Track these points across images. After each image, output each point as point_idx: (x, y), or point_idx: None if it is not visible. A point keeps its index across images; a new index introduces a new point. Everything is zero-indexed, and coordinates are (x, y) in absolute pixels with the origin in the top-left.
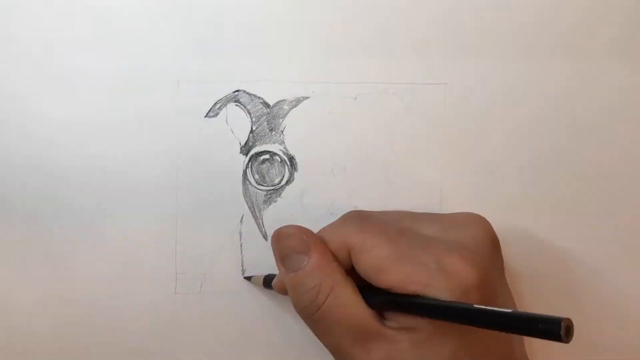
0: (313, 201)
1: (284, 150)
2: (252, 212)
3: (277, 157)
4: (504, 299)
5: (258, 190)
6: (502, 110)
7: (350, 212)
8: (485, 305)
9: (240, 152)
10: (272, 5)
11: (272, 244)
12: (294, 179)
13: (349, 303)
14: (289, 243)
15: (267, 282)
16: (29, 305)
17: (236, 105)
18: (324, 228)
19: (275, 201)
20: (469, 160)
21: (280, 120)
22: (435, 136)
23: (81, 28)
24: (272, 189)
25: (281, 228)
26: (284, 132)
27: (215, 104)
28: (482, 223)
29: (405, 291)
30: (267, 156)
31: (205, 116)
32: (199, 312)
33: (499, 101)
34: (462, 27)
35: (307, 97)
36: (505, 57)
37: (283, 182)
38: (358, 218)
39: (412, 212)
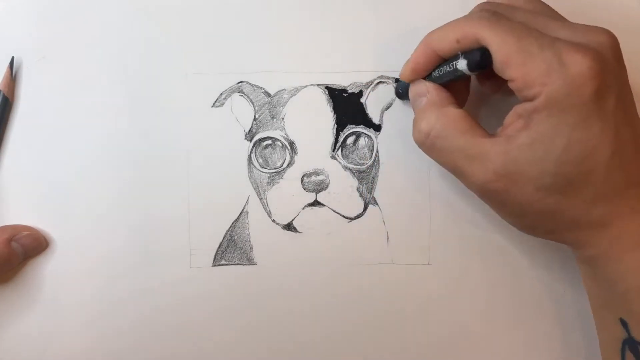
0: (313, 182)
1: (285, 135)
2: (257, 193)
3: (278, 142)
4: (622, 101)
5: (262, 173)
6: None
7: (484, 4)
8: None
9: (245, 139)
10: (271, 3)
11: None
12: (294, 162)
13: (454, 133)
14: (413, 89)
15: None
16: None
17: (240, 95)
18: (458, 19)
19: (277, 182)
20: None
21: (281, 108)
22: None
23: (99, 28)
24: (275, 172)
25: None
26: (284, 119)
27: (221, 94)
28: (611, 36)
29: (526, 86)
30: (269, 142)
31: (212, 106)
32: (211, 284)
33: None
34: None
35: (305, 87)
36: None
37: (284, 165)
38: (492, 14)
39: (546, 15)
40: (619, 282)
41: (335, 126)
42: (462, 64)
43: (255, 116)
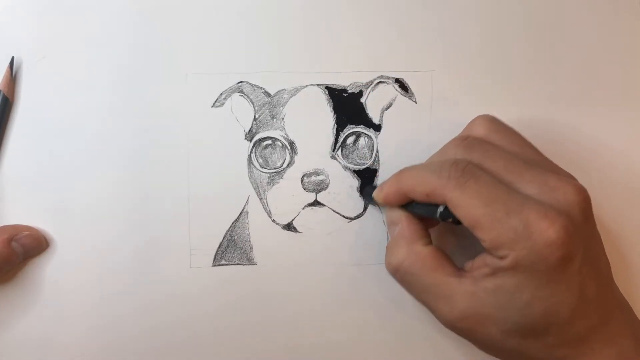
0: (313, 182)
1: (285, 135)
2: (257, 193)
3: (278, 142)
4: (589, 257)
5: (262, 173)
6: (485, 90)
7: (455, 162)
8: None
9: (245, 139)
10: (272, 3)
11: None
12: (294, 162)
13: (422, 271)
14: (388, 216)
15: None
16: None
17: (240, 95)
18: (430, 169)
19: (277, 182)
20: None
21: (281, 108)
22: (424, 118)
23: (99, 28)
24: (275, 172)
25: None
26: (284, 119)
27: (221, 94)
28: (581, 193)
29: (494, 248)
30: (269, 142)
31: (212, 106)
32: (211, 284)
33: (481, 82)
34: (445, 19)
35: (305, 87)
36: (483, 43)
37: (284, 165)
38: (462, 172)
39: (523, 158)
40: None
41: (335, 126)
42: (435, 214)
43: (255, 116)
